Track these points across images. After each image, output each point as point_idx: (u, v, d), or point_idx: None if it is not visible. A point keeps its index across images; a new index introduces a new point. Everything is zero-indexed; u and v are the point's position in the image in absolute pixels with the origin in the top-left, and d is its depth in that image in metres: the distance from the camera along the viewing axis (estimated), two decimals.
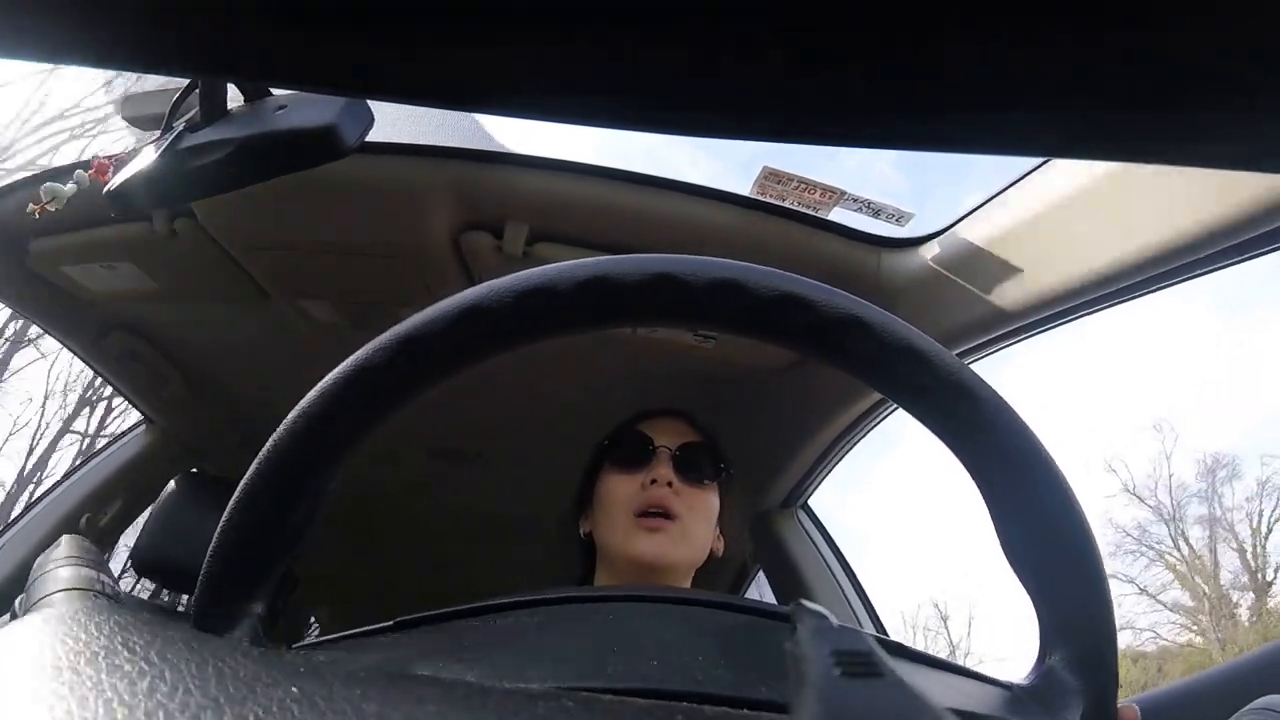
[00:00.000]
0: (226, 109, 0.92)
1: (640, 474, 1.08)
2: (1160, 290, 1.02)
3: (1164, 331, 29.76)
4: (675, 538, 1.03)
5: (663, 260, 0.49)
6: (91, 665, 0.26)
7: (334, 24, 0.24)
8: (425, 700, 0.26)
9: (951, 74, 0.24)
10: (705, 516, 1.09)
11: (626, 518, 1.05)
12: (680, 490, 1.06)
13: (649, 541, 1.02)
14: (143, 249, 1.50)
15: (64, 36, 0.25)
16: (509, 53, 0.25)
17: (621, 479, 1.09)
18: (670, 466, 1.08)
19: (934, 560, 33.17)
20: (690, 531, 1.05)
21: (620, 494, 1.07)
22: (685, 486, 1.07)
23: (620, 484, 1.08)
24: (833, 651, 0.21)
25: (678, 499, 1.05)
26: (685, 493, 1.07)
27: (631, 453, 1.11)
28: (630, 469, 1.09)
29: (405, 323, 0.47)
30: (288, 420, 0.47)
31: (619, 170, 1.30)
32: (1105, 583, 0.47)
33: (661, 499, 1.05)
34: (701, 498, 1.09)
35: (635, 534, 1.03)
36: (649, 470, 1.07)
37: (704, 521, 1.09)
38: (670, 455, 1.09)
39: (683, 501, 1.06)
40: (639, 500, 1.05)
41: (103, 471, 1.96)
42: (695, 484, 1.09)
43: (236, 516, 0.47)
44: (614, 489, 1.09)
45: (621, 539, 1.04)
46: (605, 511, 1.09)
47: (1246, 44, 0.22)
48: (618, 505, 1.07)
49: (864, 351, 0.48)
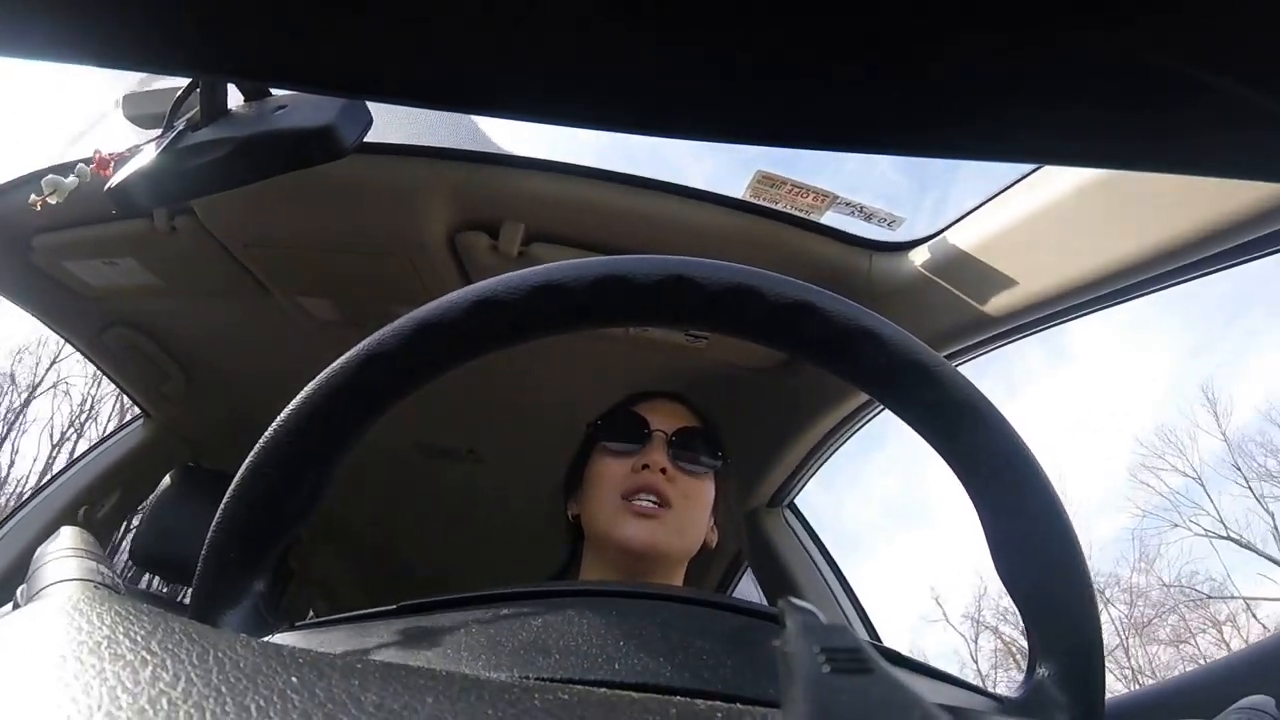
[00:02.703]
0: (227, 109, 0.92)
1: (633, 457, 1.02)
2: (1145, 296, 1.02)
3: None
4: (668, 525, 0.98)
5: (678, 262, 0.49)
6: (94, 655, 0.26)
7: (333, 25, 0.25)
8: (424, 691, 0.27)
9: (945, 82, 0.25)
10: (700, 505, 1.04)
11: (615, 499, 0.99)
12: (675, 477, 1.01)
13: (638, 526, 0.97)
14: (144, 245, 1.50)
15: (66, 36, 0.26)
16: (507, 55, 0.25)
17: (613, 461, 1.03)
18: (665, 451, 1.02)
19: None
20: (683, 520, 1.00)
21: (611, 476, 1.02)
22: (680, 474, 1.02)
23: (612, 466, 1.03)
24: (822, 648, 0.21)
25: (672, 486, 1.00)
26: (680, 480, 1.01)
27: (625, 435, 1.05)
28: (623, 451, 1.04)
29: (420, 309, 0.48)
30: (302, 395, 0.48)
31: (614, 172, 1.30)
32: (1094, 602, 0.48)
33: (654, 484, 0.99)
34: (696, 486, 1.03)
35: (624, 517, 0.98)
36: (643, 454, 1.02)
37: (698, 511, 1.04)
38: (666, 439, 1.04)
39: (677, 489, 1.00)
40: (630, 483, 1.00)
41: (101, 464, 1.96)
42: (691, 471, 1.03)
43: (245, 485, 0.47)
44: (605, 470, 1.03)
45: (609, 522, 0.99)
46: (594, 493, 1.03)
47: (1235, 54, 0.23)
48: (607, 487, 1.01)
49: (872, 364, 0.48)
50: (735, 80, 0.26)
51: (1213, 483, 18.85)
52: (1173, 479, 18.08)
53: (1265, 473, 16.69)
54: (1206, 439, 18.52)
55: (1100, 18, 0.22)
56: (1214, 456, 24.80)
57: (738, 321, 0.49)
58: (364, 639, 0.48)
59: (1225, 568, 17.57)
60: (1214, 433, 17.79)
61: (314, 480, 0.48)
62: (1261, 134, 0.26)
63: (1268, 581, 16.26)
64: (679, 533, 1.00)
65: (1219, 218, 0.85)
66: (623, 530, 0.97)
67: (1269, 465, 16.72)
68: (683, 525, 1.01)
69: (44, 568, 0.49)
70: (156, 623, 0.29)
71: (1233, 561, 17.09)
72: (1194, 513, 17.41)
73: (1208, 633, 16.52)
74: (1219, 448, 19.77)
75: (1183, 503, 17.76)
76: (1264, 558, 16.29)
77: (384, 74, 0.27)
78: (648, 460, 1.01)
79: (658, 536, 0.97)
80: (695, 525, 1.03)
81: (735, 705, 0.33)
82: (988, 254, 1.16)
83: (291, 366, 0.95)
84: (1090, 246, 1.00)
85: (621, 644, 0.46)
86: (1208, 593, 16.86)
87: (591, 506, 1.03)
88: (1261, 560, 16.20)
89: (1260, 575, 16.73)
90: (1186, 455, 18.06)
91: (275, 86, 0.92)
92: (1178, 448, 18.21)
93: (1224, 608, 16.59)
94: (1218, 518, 17.11)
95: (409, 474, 2.23)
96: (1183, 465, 17.98)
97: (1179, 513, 17.60)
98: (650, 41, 0.24)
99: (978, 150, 0.28)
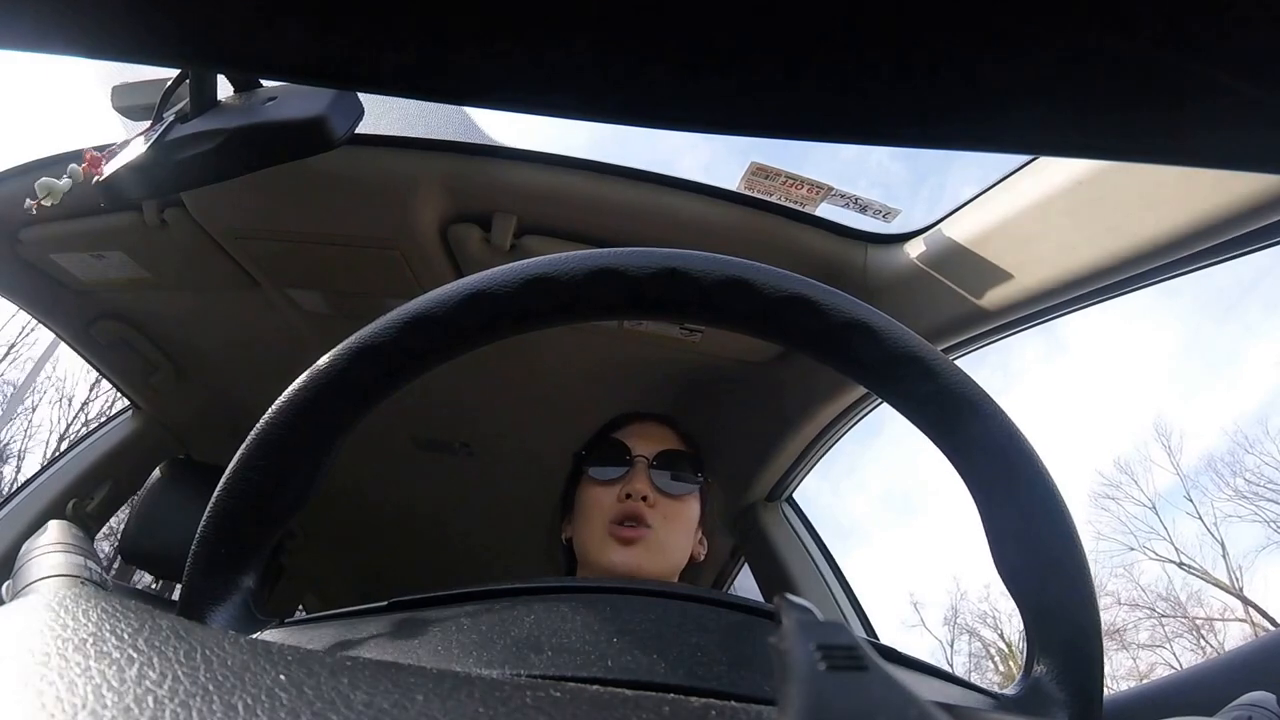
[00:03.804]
0: (217, 100, 0.92)
1: (617, 485, 1.07)
2: (1142, 289, 1.02)
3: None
4: (651, 549, 1.03)
5: (671, 255, 0.49)
6: (80, 652, 0.26)
7: (324, 16, 0.24)
8: (414, 689, 0.26)
9: (942, 73, 0.24)
10: (683, 526, 1.09)
11: (602, 528, 1.04)
12: (656, 502, 1.06)
13: (623, 554, 1.02)
14: (132, 238, 1.50)
15: (54, 26, 0.25)
16: (498, 46, 0.25)
17: (599, 489, 1.08)
18: (646, 478, 1.07)
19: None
20: (666, 543, 1.05)
21: (597, 504, 1.06)
22: (662, 497, 1.06)
23: (598, 494, 1.07)
24: (818, 645, 0.21)
25: (653, 511, 1.05)
26: (661, 504, 1.06)
27: (608, 462, 1.10)
28: (607, 479, 1.08)
29: (411, 302, 0.48)
30: (292, 388, 0.48)
31: (608, 164, 1.30)
32: (1094, 599, 0.48)
33: (636, 512, 1.04)
34: (677, 508, 1.08)
35: (609, 545, 1.02)
36: (626, 481, 1.06)
37: (681, 532, 1.08)
38: (647, 464, 1.08)
39: (658, 512, 1.05)
40: (614, 512, 1.04)
41: (89, 457, 1.95)
42: (672, 494, 1.08)
43: (235, 480, 0.47)
44: (592, 498, 1.08)
45: (597, 550, 1.04)
46: (583, 520, 1.08)
47: (1230, 46, 0.22)
48: (595, 515, 1.06)
49: (869, 358, 0.48)
50: (729, 71, 0.25)
51: (1166, 511, 19.33)
52: (1130, 506, 18.63)
53: (1235, 493, 17.30)
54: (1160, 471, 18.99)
55: (1097, 10, 0.22)
56: (1167, 488, 25.34)
57: (732, 314, 0.49)
58: (354, 636, 0.48)
59: (1174, 588, 17.99)
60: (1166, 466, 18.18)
61: (304, 475, 0.48)
62: (1256, 125, 0.26)
63: (1216, 602, 16.97)
64: (662, 554, 1.05)
65: (1215, 210, 0.85)
66: (609, 557, 1.02)
67: (1237, 485, 17.37)
68: (665, 547, 1.05)
69: (30, 563, 0.48)
70: (143, 619, 0.29)
71: (1198, 584, 17.51)
72: (1148, 538, 17.97)
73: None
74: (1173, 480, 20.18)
75: (1140, 527, 18.36)
76: (1212, 584, 16.93)
77: (376, 65, 0.27)
78: (630, 489, 1.05)
79: (641, 561, 1.02)
80: (679, 546, 1.08)
81: (730, 703, 0.33)
82: (984, 246, 1.16)
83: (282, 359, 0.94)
84: (1087, 239, 1.00)
85: (615, 641, 0.46)
86: (1162, 612, 17.46)
87: (581, 534, 1.08)
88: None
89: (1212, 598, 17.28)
90: (1141, 486, 18.75)
91: (265, 78, 0.92)
92: (1132, 478, 18.94)
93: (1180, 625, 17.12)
94: (1171, 542, 17.87)
95: (401, 468, 2.23)
96: (1137, 494, 18.65)
97: (1135, 536, 18.15)
98: (643, 31, 0.24)
99: (974, 141, 0.28)
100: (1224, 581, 16.59)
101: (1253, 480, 17.06)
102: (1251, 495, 17.02)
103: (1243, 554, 18.65)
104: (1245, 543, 23.14)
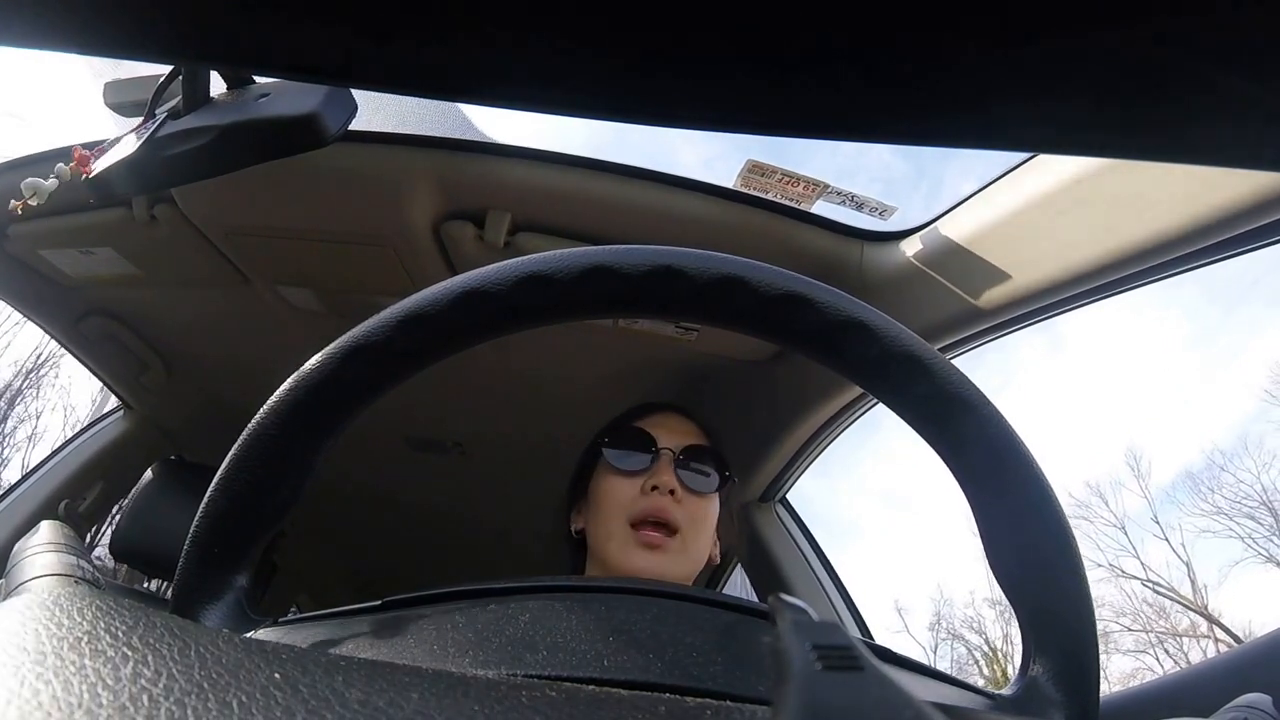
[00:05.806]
0: (209, 96, 0.91)
1: (641, 477, 1.00)
2: (1138, 288, 1.03)
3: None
4: (675, 554, 0.97)
5: (666, 253, 0.48)
6: (74, 651, 0.26)
7: (318, 11, 0.24)
8: (409, 688, 0.26)
9: (940, 71, 0.24)
10: (706, 527, 1.02)
11: (623, 526, 0.98)
12: (683, 499, 0.99)
13: (647, 559, 0.95)
14: (122, 234, 1.49)
15: (49, 23, 0.25)
16: (492, 42, 0.25)
17: (620, 480, 1.01)
18: (674, 472, 1.00)
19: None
20: (691, 545, 0.99)
21: (619, 497, 1.00)
22: (689, 494, 1.00)
23: (619, 486, 1.01)
24: (813, 645, 0.21)
25: (679, 508, 0.98)
26: (688, 501, 1.00)
27: (632, 450, 1.03)
28: (630, 470, 1.01)
29: (405, 300, 0.47)
30: (284, 387, 0.47)
31: (602, 161, 1.30)
32: (1089, 598, 0.48)
33: (663, 509, 0.97)
34: (703, 506, 1.02)
35: (633, 548, 0.96)
36: (651, 474, 1.00)
37: (705, 533, 1.02)
38: (674, 458, 1.02)
39: (684, 511, 0.99)
40: (639, 508, 0.98)
41: (80, 457, 1.94)
42: (699, 492, 1.01)
43: (227, 479, 0.47)
44: (612, 490, 1.01)
45: (618, 551, 0.97)
46: (601, 514, 1.01)
47: (1228, 43, 0.23)
48: (615, 510, 0.99)
49: (865, 356, 0.48)
50: (725, 67, 0.25)
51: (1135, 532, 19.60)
52: (1101, 525, 18.73)
53: (1214, 509, 17.40)
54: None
55: (1095, 7, 0.22)
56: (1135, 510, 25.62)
57: (727, 313, 0.49)
58: (348, 635, 0.48)
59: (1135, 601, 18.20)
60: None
61: (297, 474, 0.48)
62: (1253, 122, 0.26)
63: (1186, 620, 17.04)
64: (686, 558, 0.99)
65: (1212, 208, 0.85)
66: (632, 562, 0.96)
67: (1217, 501, 17.45)
68: (690, 550, 0.99)
69: (23, 563, 0.48)
70: (138, 618, 0.29)
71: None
72: (1118, 555, 18.09)
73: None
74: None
75: (1109, 545, 18.46)
76: (1180, 603, 17.05)
77: (369, 60, 0.27)
78: (656, 481, 0.99)
79: (666, 569, 0.96)
80: (701, 549, 1.02)
81: (725, 703, 0.33)
82: (980, 244, 1.16)
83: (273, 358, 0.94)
84: (1084, 237, 1.00)
85: (610, 640, 0.45)
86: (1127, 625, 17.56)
87: (598, 529, 1.01)
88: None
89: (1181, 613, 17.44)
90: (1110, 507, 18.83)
91: (258, 73, 0.91)
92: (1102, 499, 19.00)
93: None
94: (1140, 560, 17.91)
95: (394, 467, 2.23)
96: (1106, 515, 18.72)
97: (1103, 553, 18.26)
98: (639, 28, 0.24)
99: (972, 139, 0.28)
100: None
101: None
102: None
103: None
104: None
